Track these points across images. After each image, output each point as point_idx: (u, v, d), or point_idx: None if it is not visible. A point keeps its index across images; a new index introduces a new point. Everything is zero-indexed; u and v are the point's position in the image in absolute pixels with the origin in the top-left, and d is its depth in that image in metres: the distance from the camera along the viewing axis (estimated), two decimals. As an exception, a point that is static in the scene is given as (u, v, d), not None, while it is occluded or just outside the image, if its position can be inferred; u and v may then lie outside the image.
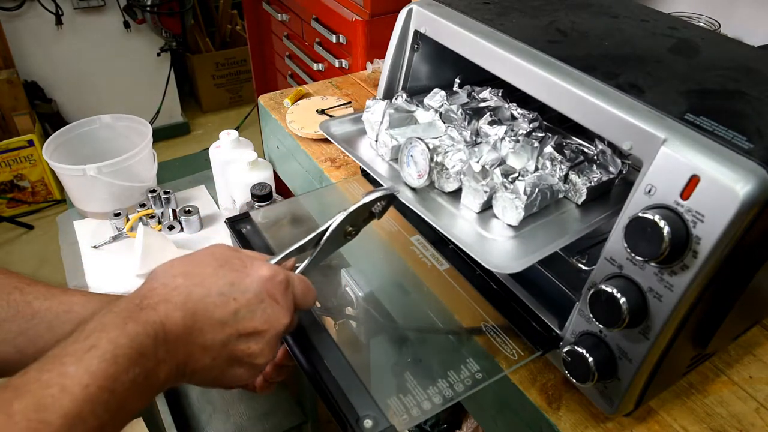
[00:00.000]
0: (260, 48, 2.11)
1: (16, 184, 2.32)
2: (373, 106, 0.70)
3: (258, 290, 0.44)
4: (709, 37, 0.64)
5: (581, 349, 0.51)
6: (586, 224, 0.58)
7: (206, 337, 0.41)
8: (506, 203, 0.56)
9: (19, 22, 2.27)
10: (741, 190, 0.40)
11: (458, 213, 0.60)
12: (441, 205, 0.61)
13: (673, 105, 0.47)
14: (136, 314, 0.39)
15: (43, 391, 0.33)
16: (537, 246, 0.55)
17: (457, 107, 0.70)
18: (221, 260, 0.44)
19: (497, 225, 0.58)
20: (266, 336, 0.44)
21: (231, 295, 0.43)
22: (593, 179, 0.60)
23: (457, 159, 0.60)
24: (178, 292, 0.41)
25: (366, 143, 0.72)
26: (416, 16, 0.69)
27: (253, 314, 0.43)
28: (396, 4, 1.33)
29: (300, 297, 0.48)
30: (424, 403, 0.50)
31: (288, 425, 1.32)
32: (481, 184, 0.57)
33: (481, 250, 0.54)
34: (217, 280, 0.43)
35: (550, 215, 0.59)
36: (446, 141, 0.63)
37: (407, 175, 0.62)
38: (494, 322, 0.60)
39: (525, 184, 0.56)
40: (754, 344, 0.63)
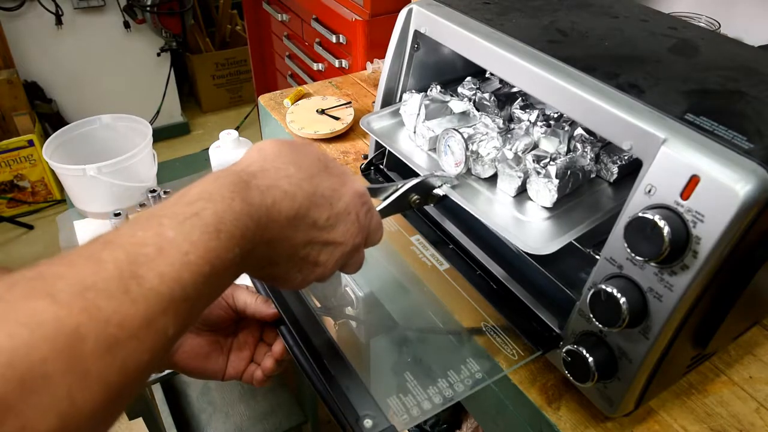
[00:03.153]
0: (260, 48, 2.11)
1: (16, 184, 2.32)
2: (409, 100, 0.72)
3: (349, 203, 0.43)
4: (709, 37, 0.64)
5: (581, 349, 0.51)
6: (618, 201, 0.59)
7: (298, 234, 0.39)
8: (540, 187, 0.58)
9: (19, 22, 2.27)
10: (741, 190, 0.40)
11: (495, 198, 0.62)
12: (478, 191, 0.63)
13: (673, 105, 0.47)
14: (244, 192, 0.36)
15: (137, 248, 0.30)
16: (571, 225, 0.57)
17: (489, 94, 0.72)
18: (324, 161, 0.43)
19: (532, 207, 0.60)
20: (339, 250, 0.43)
21: (330, 200, 0.41)
22: (624, 158, 0.61)
23: (492, 147, 0.62)
24: (289, 182, 0.39)
25: (405, 135, 0.74)
26: (416, 16, 0.69)
27: (338, 225, 0.42)
28: (396, 4, 1.33)
29: (374, 228, 0.47)
30: (424, 403, 0.50)
31: (288, 425, 1.32)
32: (515, 170, 0.60)
33: (516, 233, 0.56)
34: (322, 180, 0.41)
35: (584, 195, 0.61)
36: (480, 129, 0.65)
37: (445, 164, 0.65)
38: (494, 322, 0.61)
39: (557, 167, 0.57)
40: (754, 344, 0.63)
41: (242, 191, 0.35)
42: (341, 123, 0.99)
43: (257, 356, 0.56)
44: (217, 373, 0.54)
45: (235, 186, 0.36)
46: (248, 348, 0.56)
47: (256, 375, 0.55)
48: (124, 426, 1.66)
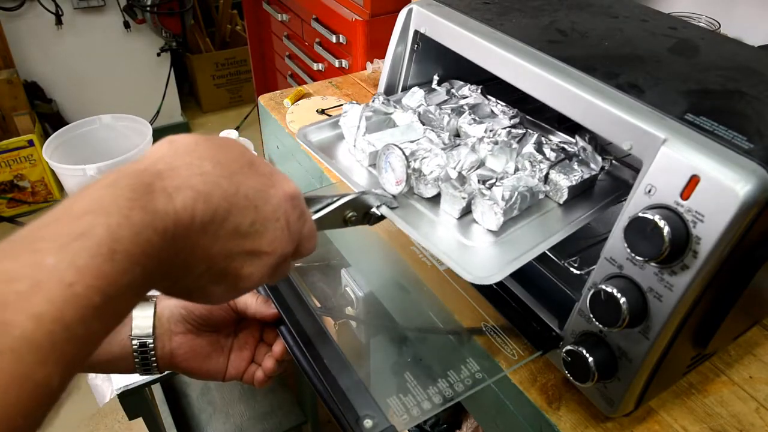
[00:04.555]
0: (260, 48, 2.11)
1: (16, 184, 2.32)
2: (349, 111, 0.67)
3: (278, 206, 0.37)
4: (709, 37, 0.64)
5: (581, 349, 0.51)
6: (568, 224, 0.57)
7: (216, 243, 0.34)
8: (485, 209, 0.55)
9: (19, 22, 2.27)
10: (741, 190, 0.40)
11: (438, 220, 0.58)
12: (420, 212, 0.58)
13: (673, 105, 0.47)
14: (146, 197, 0.30)
15: (4, 286, 0.24)
16: (518, 250, 0.53)
17: (435, 107, 0.68)
18: (249, 158, 0.37)
19: (478, 231, 0.56)
20: (265, 260, 0.37)
21: (254, 202, 0.36)
22: (574, 178, 0.59)
23: (435, 164, 0.58)
24: (204, 180, 0.33)
25: (345, 149, 0.69)
26: (416, 16, 0.69)
27: (264, 231, 0.36)
28: (396, 4, 1.33)
29: (306, 236, 0.41)
30: (424, 403, 0.50)
31: (288, 425, 1.32)
32: (458, 190, 0.56)
33: (460, 260, 0.52)
34: (246, 179, 0.35)
35: (532, 216, 0.58)
36: (424, 144, 0.61)
37: (385, 182, 0.60)
38: (494, 322, 0.61)
39: (503, 189, 0.54)
40: (754, 344, 0.63)
41: (143, 197, 0.30)
42: (341, 123, 0.99)
43: (258, 356, 0.56)
44: (218, 373, 0.54)
45: (135, 191, 0.30)
46: (249, 348, 0.56)
47: (256, 375, 0.55)
48: (124, 426, 1.66)
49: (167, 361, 0.53)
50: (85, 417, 1.67)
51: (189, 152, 0.34)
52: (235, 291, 0.38)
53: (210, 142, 0.36)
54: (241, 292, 0.39)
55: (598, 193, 0.62)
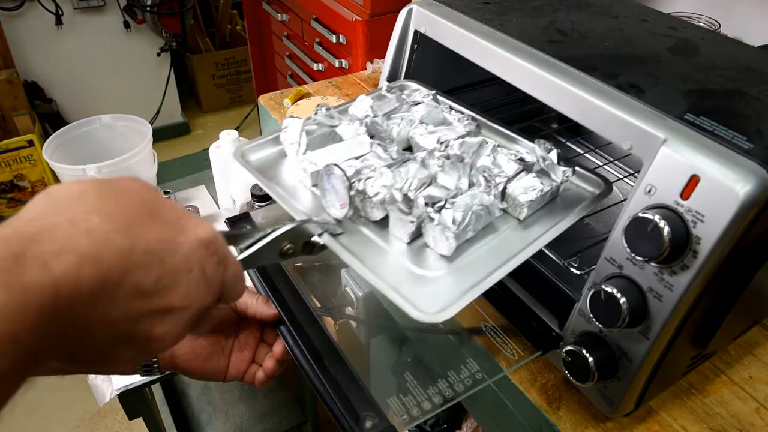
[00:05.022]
0: (260, 48, 2.11)
1: (16, 184, 2.32)
2: (289, 125, 0.62)
3: (190, 255, 0.33)
4: (709, 37, 0.64)
5: (581, 349, 0.51)
6: (530, 243, 0.51)
7: (114, 308, 0.30)
8: (435, 234, 0.50)
9: (19, 22, 2.27)
10: (741, 190, 0.40)
11: (387, 246, 0.52)
12: (368, 238, 0.53)
13: (673, 105, 0.47)
14: (13, 272, 0.26)
15: None
16: (474, 278, 0.48)
17: (384, 117, 0.63)
18: (152, 203, 0.33)
19: (430, 256, 0.51)
20: (179, 317, 0.33)
21: (159, 255, 0.31)
22: (533, 192, 0.54)
23: (380, 185, 0.53)
24: (90, 239, 0.28)
25: (290, 168, 0.63)
26: (416, 16, 0.69)
27: (175, 286, 0.32)
28: (396, 4, 1.33)
29: (230, 282, 0.37)
30: (424, 403, 0.50)
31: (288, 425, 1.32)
32: (406, 214, 0.51)
33: (409, 293, 0.46)
34: (147, 230, 0.31)
35: (490, 236, 0.53)
36: (371, 161, 0.56)
37: (329, 205, 0.54)
38: (494, 322, 0.60)
39: (454, 210, 0.50)
40: (754, 344, 0.63)
41: (10, 271, 0.25)
42: (341, 123, 0.99)
43: (258, 357, 0.56)
44: (219, 373, 0.54)
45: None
46: (249, 348, 0.56)
47: (257, 375, 0.55)
48: (124, 426, 1.66)
49: (168, 362, 0.53)
50: (85, 417, 1.67)
51: (72, 205, 0.30)
52: (148, 353, 0.34)
53: (101, 188, 0.32)
54: (157, 353, 0.35)
55: (563, 204, 0.57)
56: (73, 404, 1.66)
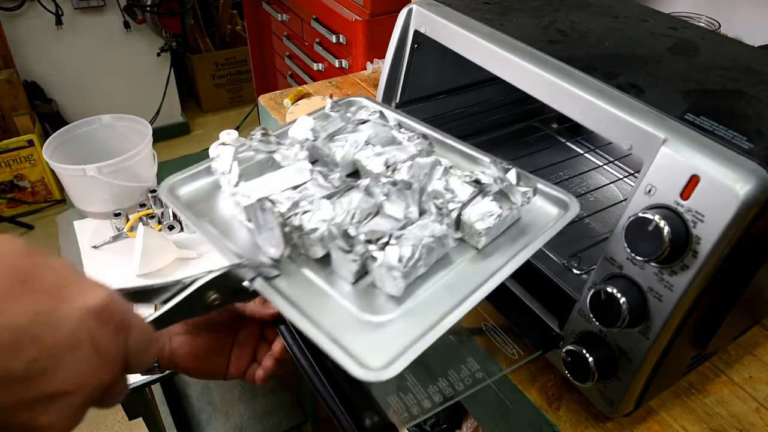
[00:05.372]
0: (260, 48, 2.11)
1: (16, 184, 2.32)
2: (221, 153, 0.55)
3: (75, 328, 0.28)
4: (709, 37, 0.64)
5: (581, 349, 0.51)
6: (491, 274, 0.46)
7: None
8: (381, 273, 0.45)
9: (19, 22, 2.27)
10: (741, 190, 0.40)
11: (330, 288, 0.47)
12: (308, 279, 0.47)
13: (673, 105, 0.47)
14: None
15: None
16: (428, 322, 0.42)
17: (326, 139, 0.58)
18: (24, 269, 0.28)
19: (379, 297, 0.46)
20: (69, 401, 0.29)
21: (31, 333, 0.27)
22: (490, 218, 0.49)
23: (319, 219, 0.47)
24: None
25: (225, 200, 0.56)
26: (416, 16, 0.69)
27: (57, 366, 0.28)
28: (396, 4, 1.33)
29: (135, 349, 0.33)
30: (425, 402, 0.50)
31: (288, 425, 1.32)
32: (347, 252, 0.46)
33: (351, 344, 0.41)
34: (13, 304, 0.27)
35: (445, 270, 0.48)
36: (311, 190, 0.51)
37: (264, 244, 0.49)
38: (494, 322, 0.60)
39: (400, 246, 0.44)
40: (754, 344, 0.63)
41: None
42: (341, 123, 0.99)
43: (259, 355, 0.56)
44: (219, 372, 0.54)
45: None
46: (249, 347, 0.56)
47: (257, 374, 0.55)
48: (124, 426, 1.66)
49: (168, 361, 0.53)
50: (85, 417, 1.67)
51: None
52: None
53: None
54: None
55: (527, 228, 0.52)
56: (73, 404, 1.66)
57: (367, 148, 0.57)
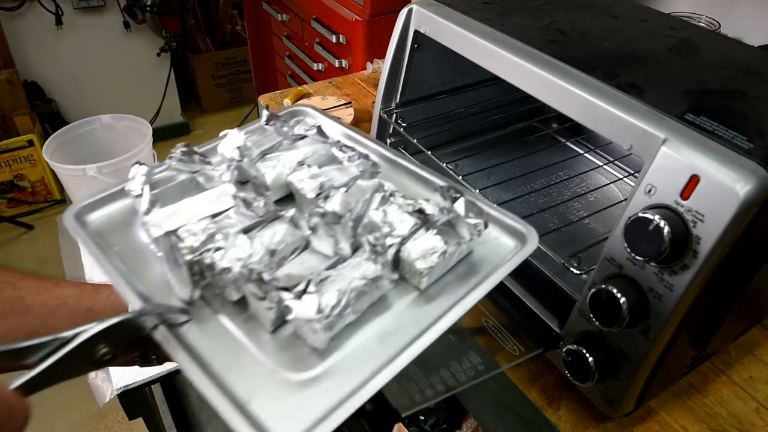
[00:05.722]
0: (260, 48, 2.11)
1: (16, 184, 2.32)
2: (135, 174, 0.49)
3: None
4: (709, 37, 0.64)
5: (581, 349, 0.51)
6: (434, 320, 0.40)
7: None
8: (301, 324, 0.39)
9: (19, 22, 2.27)
10: (741, 190, 0.40)
11: (246, 338, 0.40)
12: (223, 326, 0.41)
13: (673, 105, 0.47)
14: None
15: None
16: (355, 381, 0.36)
17: (256, 159, 0.51)
18: None
19: (302, 349, 0.39)
20: None
21: None
22: (434, 255, 0.42)
23: (233, 258, 0.41)
24: None
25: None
26: (416, 16, 0.69)
27: None
28: (396, 4, 1.33)
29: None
30: (427, 390, 0.50)
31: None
32: (261, 299, 0.40)
33: (262, 413, 0.35)
34: None
35: (381, 316, 0.41)
36: (232, 220, 0.45)
37: (176, 283, 0.42)
38: (496, 320, 0.60)
39: (321, 295, 0.38)
40: (754, 344, 0.63)
41: None
42: (341, 123, 0.99)
43: None
44: None
45: None
46: None
47: None
48: (124, 426, 1.66)
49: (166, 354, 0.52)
50: (85, 417, 1.67)
51: None
52: None
53: None
54: None
55: (478, 264, 0.46)
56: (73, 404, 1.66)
57: (301, 168, 0.50)
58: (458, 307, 0.41)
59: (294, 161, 0.51)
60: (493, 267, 0.45)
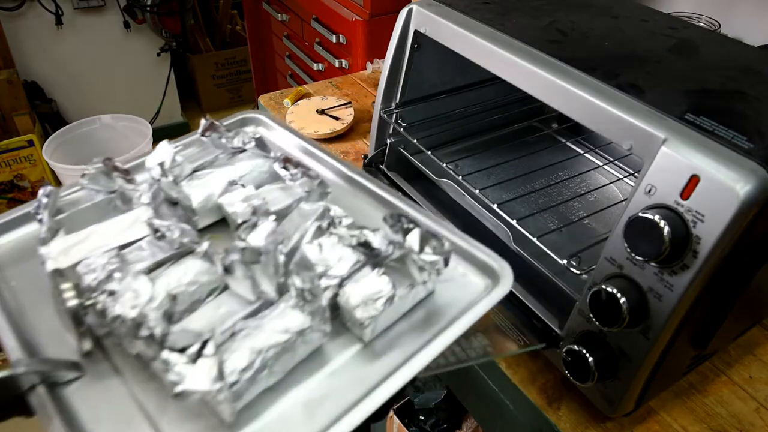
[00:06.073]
0: (260, 48, 2.11)
1: (16, 184, 2.32)
2: (42, 196, 0.42)
3: None
4: (709, 37, 0.64)
5: (581, 349, 0.51)
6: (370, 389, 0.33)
7: None
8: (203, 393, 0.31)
9: (19, 22, 2.27)
10: (741, 190, 0.40)
11: (145, 405, 0.33)
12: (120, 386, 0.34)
13: (673, 105, 0.47)
14: None
15: None
16: None
17: (182, 178, 0.43)
18: None
19: (210, 421, 0.32)
20: None
21: None
22: (379, 301, 0.35)
23: (128, 304, 0.33)
24: None
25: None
26: (416, 16, 0.69)
27: None
28: (396, 4, 1.33)
29: None
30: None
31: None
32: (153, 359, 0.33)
33: None
34: None
35: (312, 377, 0.34)
36: (146, 251, 0.37)
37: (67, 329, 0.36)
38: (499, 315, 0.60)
39: (225, 357, 0.31)
40: (754, 344, 0.63)
41: None
42: (341, 123, 0.99)
43: None
44: None
45: None
46: None
47: None
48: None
49: None
50: (85, 417, 1.66)
51: None
52: None
53: None
54: None
55: (437, 308, 0.39)
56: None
57: (235, 189, 0.42)
58: (409, 366, 0.33)
59: (225, 180, 0.43)
60: (459, 313, 0.37)
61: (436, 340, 0.35)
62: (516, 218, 0.61)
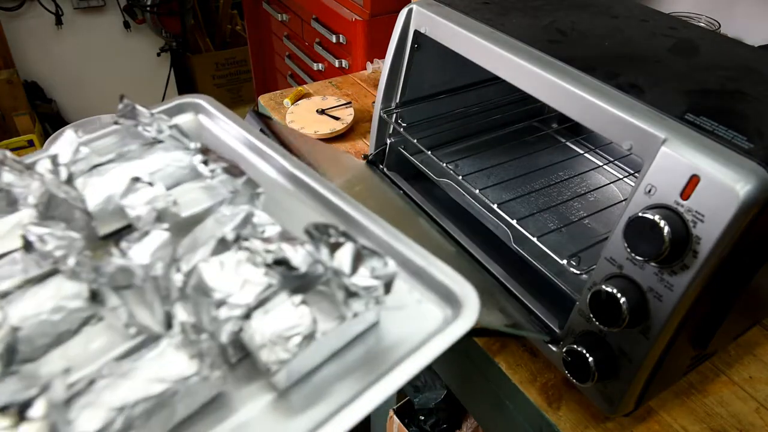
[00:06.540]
0: (260, 48, 2.11)
1: (16, 184, 2.32)
2: None
3: None
4: (709, 37, 0.64)
5: (581, 349, 0.51)
6: None
7: None
8: None
9: (19, 22, 2.27)
10: (741, 190, 0.40)
11: None
12: None
13: (673, 105, 0.47)
14: None
15: None
16: None
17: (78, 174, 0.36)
18: None
19: None
20: None
21: None
22: (293, 339, 0.27)
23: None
24: None
25: None
26: (416, 16, 0.69)
27: None
28: (396, 4, 1.33)
29: None
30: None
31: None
32: None
33: None
34: None
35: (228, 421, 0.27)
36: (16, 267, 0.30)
37: None
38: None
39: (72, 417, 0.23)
40: (754, 344, 0.63)
41: None
42: (341, 123, 0.99)
43: None
44: None
45: None
46: None
47: None
48: (124, 426, 1.66)
49: None
50: (85, 417, 1.66)
51: None
52: None
53: None
54: None
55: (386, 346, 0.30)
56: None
57: (140, 188, 0.34)
58: (336, 422, 0.25)
59: (128, 177, 0.35)
60: (406, 353, 0.29)
61: (372, 388, 0.27)
62: (516, 218, 0.61)
